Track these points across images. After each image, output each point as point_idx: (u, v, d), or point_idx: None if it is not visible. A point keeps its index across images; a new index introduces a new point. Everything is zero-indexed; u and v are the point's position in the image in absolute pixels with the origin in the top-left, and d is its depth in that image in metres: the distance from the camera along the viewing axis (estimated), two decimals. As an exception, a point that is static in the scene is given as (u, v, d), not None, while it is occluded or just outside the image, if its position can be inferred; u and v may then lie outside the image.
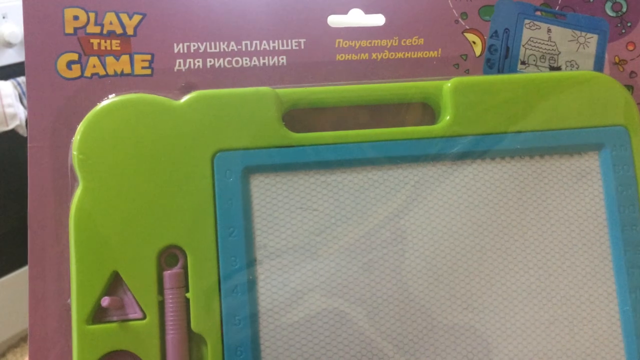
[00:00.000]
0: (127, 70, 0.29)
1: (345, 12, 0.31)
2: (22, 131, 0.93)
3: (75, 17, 0.28)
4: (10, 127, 0.91)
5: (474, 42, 0.31)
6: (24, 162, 0.28)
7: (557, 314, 0.28)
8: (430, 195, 0.28)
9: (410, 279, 0.28)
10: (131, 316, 0.26)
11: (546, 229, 0.29)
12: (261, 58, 0.30)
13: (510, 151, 0.29)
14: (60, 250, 0.27)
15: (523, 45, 0.32)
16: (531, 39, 0.32)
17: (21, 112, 0.92)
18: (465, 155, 0.29)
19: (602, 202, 0.29)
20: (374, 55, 0.31)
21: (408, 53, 0.31)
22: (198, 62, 0.29)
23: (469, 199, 0.29)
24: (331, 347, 0.27)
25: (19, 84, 0.93)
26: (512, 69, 0.32)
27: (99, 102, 0.28)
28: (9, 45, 0.95)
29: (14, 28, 0.94)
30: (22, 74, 0.96)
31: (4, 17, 0.93)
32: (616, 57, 0.32)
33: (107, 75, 0.29)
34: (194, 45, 0.29)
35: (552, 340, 0.28)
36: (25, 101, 0.92)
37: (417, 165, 0.29)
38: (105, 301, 0.25)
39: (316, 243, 0.27)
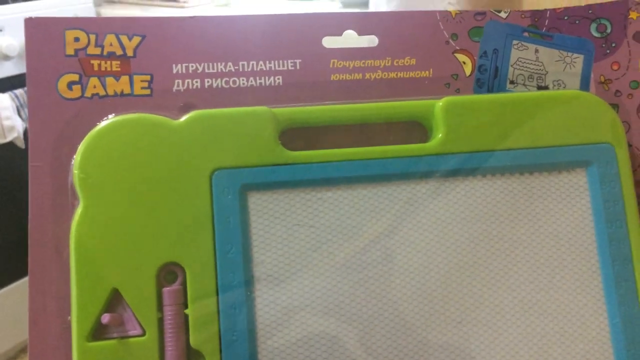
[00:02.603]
0: (127, 90, 0.29)
1: (340, 34, 0.32)
2: (20, 143, 0.94)
3: (76, 39, 0.29)
4: (8, 139, 0.91)
5: (464, 62, 0.32)
6: (22, 174, 0.28)
7: (548, 328, 0.29)
8: (422, 212, 0.29)
9: (402, 296, 0.28)
10: (131, 333, 0.26)
11: (536, 245, 0.30)
12: (258, 78, 0.30)
13: (500, 168, 0.30)
14: (60, 267, 0.27)
15: (511, 65, 0.33)
16: (519, 59, 0.33)
17: (19, 125, 0.92)
18: (457, 173, 0.30)
19: (590, 218, 0.30)
20: (367, 75, 0.32)
21: (400, 73, 0.32)
22: (196, 82, 0.30)
23: (461, 216, 0.29)
24: (328, 361, 0.27)
25: (16, 96, 0.93)
26: (501, 88, 0.33)
27: (99, 122, 0.28)
28: (6, 58, 0.95)
29: (11, 41, 0.95)
30: (19, 86, 0.96)
31: (1, 31, 0.94)
32: (602, 77, 0.33)
33: (107, 95, 0.29)
34: (192, 66, 0.30)
35: (543, 354, 0.29)
36: (22, 114, 0.92)
37: (410, 183, 0.29)
38: (106, 318, 0.26)
39: (313, 259, 0.28)
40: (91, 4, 1.10)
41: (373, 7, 0.74)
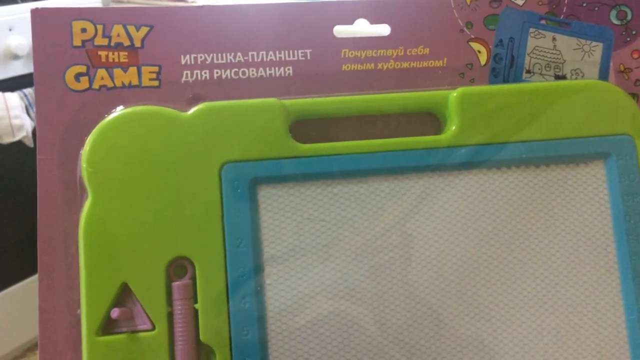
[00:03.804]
0: (135, 82, 0.29)
1: (351, 23, 0.31)
2: (29, 142, 0.94)
3: (83, 30, 0.29)
4: (17, 138, 0.92)
5: (479, 51, 0.32)
6: (30, 172, 0.28)
7: (564, 323, 0.28)
8: (436, 205, 0.29)
9: (417, 288, 0.28)
10: (140, 327, 0.26)
11: (552, 238, 0.29)
12: (267, 69, 0.30)
13: (516, 160, 0.29)
14: (70, 262, 0.27)
15: (528, 54, 0.32)
16: (536, 48, 0.32)
17: (28, 124, 0.92)
18: (472, 165, 0.29)
19: (608, 211, 0.29)
20: (379, 65, 0.31)
21: (413, 63, 0.31)
22: (205, 73, 0.29)
23: (476, 209, 0.29)
24: (338, 357, 0.27)
25: (25, 95, 0.94)
26: (518, 78, 0.32)
27: (107, 114, 0.28)
28: (15, 57, 0.96)
29: (20, 40, 0.95)
30: (28, 85, 0.96)
31: (10, 30, 0.94)
32: (621, 65, 0.32)
33: (115, 87, 0.29)
34: (201, 57, 0.29)
35: (558, 349, 0.28)
36: (31, 113, 0.93)
37: (424, 175, 0.29)
38: (115, 313, 0.25)
39: (323, 254, 0.28)
40: (99, 3, 1.09)
41: None
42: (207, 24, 0.30)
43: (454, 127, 0.29)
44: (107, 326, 0.26)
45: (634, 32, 0.32)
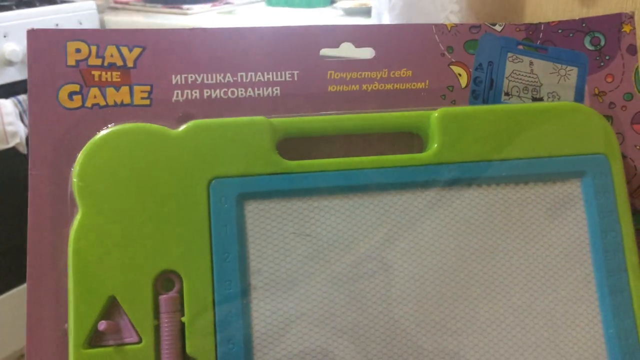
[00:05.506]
0: (127, 100, 0.30)
1: (337, 46, 0.32)
2: (22, 149, 0.94)
3: (78, 50, 0.30)
4: (11, 144, 0.92)
5: (460, 74, 0.33)
6: (23, 179, 0.29)
7: (543, 338, 0.29)
8: (418, 222, 0.29)
9: (397, 305, 0.28)
10: (127, 340, 0.26)
11: (531, 255, 0.30)
12: (256, 89, 0.31)
13: (495, 178, 0.30)
14: (58, 275, 0.28)
15: (506, 78, 0.33)
16: (514, 72, 0.33)
17: (21, 130, 0.93)
18: (452, 183, 0.30)
19: (585, 228, 0.30)
20: (364, 87, 0.32)
21: (397, 84, 0.32)
22: (195, 93, 0.30)
23: (456, 225, 0.30)
24: (323, 370, 0.27)
25: (19, 102, 0.94)
26: (497, 100, 0.33)
27: (99, 132, 0.29)
28: (9, 63, 0.96)
29: (14, 47, 0.96)
30: (22, 92, 0.97)
31: (5, 36, 0.95)
32: (596, 89, 0.34)
33: (107, 105, 0.30)
34: (191, 77, 0.30)
35: (539, 363, 0.29)
36: (25, 119, 0.93)
37: (406, 192, 0.30)
38: (102, 325, 0.26)
39: (309, 268, 0.28)
40: (95, 10, 1.11)
41: (375, 16, 0.75)
42: (197, 46, 0.31)
43: (435, 146, 0.30)
44: (94, 339, 0.26)
45: (607, 58, 0.34)
